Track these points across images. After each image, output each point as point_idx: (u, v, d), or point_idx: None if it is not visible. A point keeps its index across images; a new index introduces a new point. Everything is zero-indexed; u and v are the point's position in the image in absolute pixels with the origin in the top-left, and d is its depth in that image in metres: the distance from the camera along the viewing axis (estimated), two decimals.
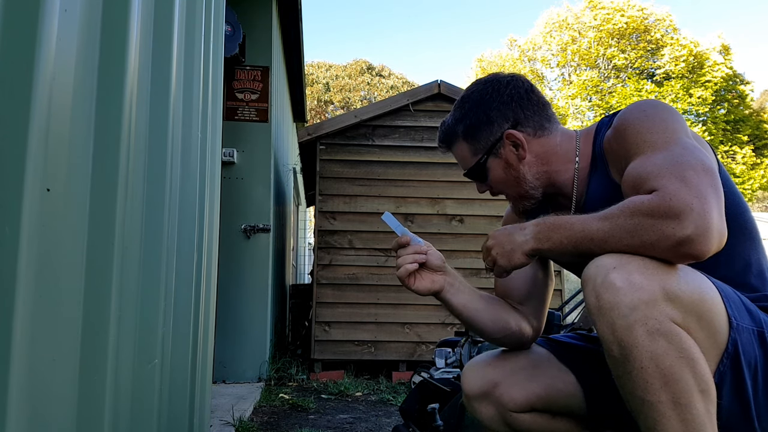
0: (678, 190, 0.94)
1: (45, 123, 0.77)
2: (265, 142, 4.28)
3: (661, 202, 0.95)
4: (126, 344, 1.09)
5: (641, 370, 0.92)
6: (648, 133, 1.07)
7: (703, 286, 0.98)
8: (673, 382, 0.91)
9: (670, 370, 0.91)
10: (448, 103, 4.77)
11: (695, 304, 0.95)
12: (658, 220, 0.94)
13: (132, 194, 1.10)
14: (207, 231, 1.87)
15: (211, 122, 1.91)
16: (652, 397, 0.92)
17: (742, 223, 1.15)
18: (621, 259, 0.96)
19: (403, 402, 2.23)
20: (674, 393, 0.91)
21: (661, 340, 0.91)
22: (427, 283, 1.28)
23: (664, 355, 0.91)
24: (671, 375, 0.91)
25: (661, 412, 0.92)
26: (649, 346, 0.91)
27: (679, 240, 0.93)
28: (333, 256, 4.56)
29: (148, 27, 1.23)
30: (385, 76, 27.42)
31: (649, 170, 1.01)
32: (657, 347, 0.91)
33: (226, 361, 3.93)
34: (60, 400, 0.85)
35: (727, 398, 1.00)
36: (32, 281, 0.75)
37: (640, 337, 0.91)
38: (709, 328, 0.97)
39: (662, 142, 1.04)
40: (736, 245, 1.13)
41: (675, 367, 0.91)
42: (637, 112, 1.12)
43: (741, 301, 1.04)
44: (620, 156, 1.13)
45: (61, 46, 0.81)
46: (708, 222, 0.92)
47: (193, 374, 1.73)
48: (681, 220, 0.92)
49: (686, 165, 0.98)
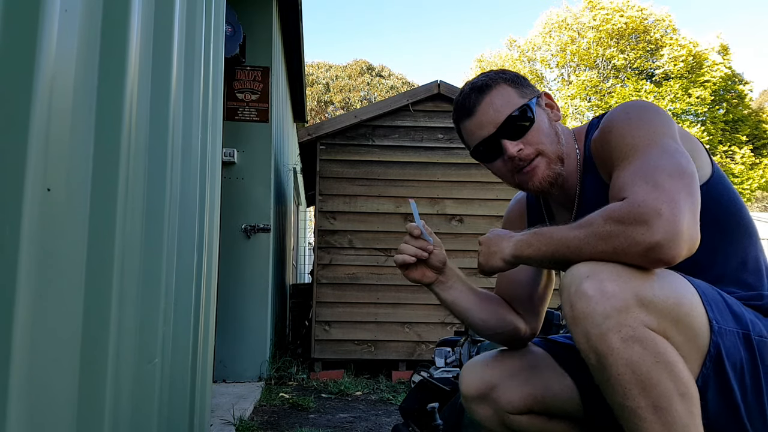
0: (647, 196, 0.95)
1: (45, 123, 0.77)
2: (266, 143, 4.28)
3: (631, 208, 0.96)
4: (126, 343, 1.09)
5: (618, 377, 0.93)
6: (630, 137, 1.08)
7: (680, 290, 0.98)
8: (651, 387, 0.91)
9: (647, 375, 0.92)
10: (447, 104, 4.77)
11: (671, 308, 0.95)
12: (628, 226, 0.95)
13: (132, 194, 1.10)
14: (207, 231, 1.87)
15: (212, 122, 1.91)
16: (631, 402, 0.93)
17: (738, 220, 1.16)
18: (594, 267, 0.96)
19: (403, 401, 2.24)
20: (653, 398, 0.92)
21: (636, 346, 0.92)
22: (418, 275, 1.30)
23: (639, 361, 0.92)
24: (648, 380, 0.92)
25: (641, 417, 0.92)
26: (624, 353, 0.92)
27: (648, 246, 0.93)
28: (333, 255, 4.56)
29: (148, 27, 1.23)
30: (385, 77, 27.42)
31: (625, 179, 1.02)
32: (632, 354, 0.91)
33: (227, 360, 3.93)
34: (60, 399, 0.85)
35: (713, 402, 1.00)
36: (33, 281, 0.75)
37: (615, 345, 0.92)
38: (687, 332, 0.97)
39: (643, 146, 1.05)
40: (732, 243, 1.14)
41: (652, 372, 0.92)
42: (622, 114, 1.12)
43: (725, 303, 1.03)
44: (605, 160, 1.14)
45: (61, 47, 0.82)
46: (677, 227, 0.93)
47: (194, 373, 1.74)
48: (650, 226, 0.93)
49: (661, 169, 0.99)
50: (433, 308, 4.52)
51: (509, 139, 1.19)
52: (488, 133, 1.20)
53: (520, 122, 1.19)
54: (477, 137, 1.23)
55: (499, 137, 1.20)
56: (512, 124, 1.19)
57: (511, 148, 1.19)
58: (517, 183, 1.26)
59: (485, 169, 1.35)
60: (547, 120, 1.23)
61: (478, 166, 4.69)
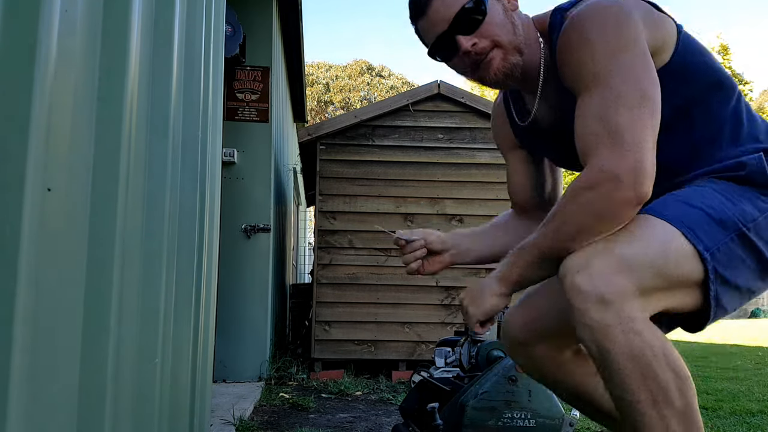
0: (610, 156, 0.99)
1: (46, 123, 0.77)
2: (266, 142, 4.28)
3: (597, 173, 1.00)
4: (127, 343, 1.10)
5: (618, 372, 0.94)
6: (591, 63, 1.06)
7: (665, 241, 0.99)
8: (651, 380, 0.93)
9: (647, 368, 0.93)
10: (447, 104, 4.77)
11: (661, 272, 0.96)
12: (598, 189, 0.99)
13: (133, 194, 1.10)
14: (207, 231, 1.87)
15: (212, 122, 1.91)
16: (631, 396, 0.94)
17: (713, 80, 1.16)
18: (583, 257, 0.98)
19: (403, 401, 2.24)
20: (652, 390, 0.93)
21: (636, 339, 0.93)
22: (435, 267, 1.33)
23: (640, 354, 0.93)
24: (648, 373, 0.93)
25: (641, 411, 0.94)
26: (624, 347, 0.93)
27: (622, 200, 0.97)
28: (333, 255, 4.56)
29: (148, 27, 1.23)
30: (385, 77, 27.42)
31: (587, 134, 1.04)
32: (633, 347, 0.93)
33: (227, 360, 3.93)
34: (61, 399, 0.85)
35: (729, 304, 1.03)
36: (33, 281, 0.75)
37: (617, 339, 0.93)
38: (681, 281, 0.99)
39: (604, 74, 1.04)
40: (711, 104, 1.15)
41: (653, 365, 0.93)
42: (581, 32, 1.09)
43: (707, 215, 1.01)
44: (566, 74, 1.14)
45: (61, 47, 0.82)
46: (643, 170, 0.97)
47: (194, 373, 1.74)
48: (617, 182, 0.97)
49: (622, 102, 1.01)
50: (433, 308, 4.52)
51: (463, 35, 1.16)
52: (441, 30, 1.17)
53: (473, 15, 1.15)
54: (431, 36, 1.20)
55: (453, 33, 1.16)
56: (464, 19, 1.15)
57: (465, 43, 1.16)
58: (477, 78, 1.24)
59: (485, 169, 1.38)
60: (502, 10, 1.19)
61: (478, 166, 4.70)
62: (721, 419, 2.81)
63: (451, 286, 4.56)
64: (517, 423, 1.78)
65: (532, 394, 1.79)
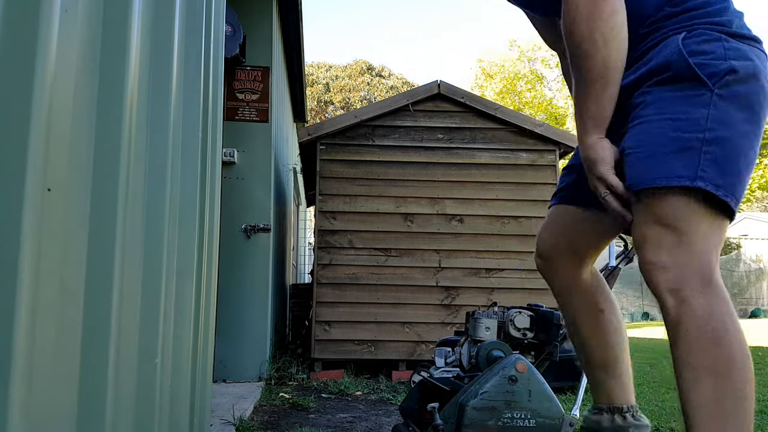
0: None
1: (46, 123, 0.77)
2: (266, 142, 4.28)
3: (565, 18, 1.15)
4: (127, 343, 1.10)
5: (687, 335, 1.02)
6: None
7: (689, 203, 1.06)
8: (717, 347, 1.01)
9: (714, 334, 1.02)
10: (447, 104, 4.77)
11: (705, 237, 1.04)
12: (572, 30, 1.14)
13: (133, 194, 1.10)
14: (207, 231, 1.87)
15: (212, 122, 1.91)
16: (694, 360, 1.01)
17: None
18: (650, 239, 1.08)
19: (403, 401, 2.24)
20: (715, 360, 1.00)
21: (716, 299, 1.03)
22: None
23: (716, 327, 1.03)
24: (717, 340, 1.01)
25: (698, 378, 1.00)
26: (697, 319, 1.02)
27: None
28: (333, 255, 4.56)
29: (148, 27, 1.23)
30: (385, 77, 27.42)
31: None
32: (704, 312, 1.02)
33: (227, 360, 3.93)
34: (61, 398, 0.85)
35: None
36: (33, 281, 0.75)
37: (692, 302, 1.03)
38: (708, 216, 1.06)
39: None
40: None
41: (719, 331, 1.02)
42: None
43: (675, 153, 1.06)
44: None
45: (61, 46, 0.82)
46: None
47: (194, 373, 1.74)
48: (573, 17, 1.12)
49: None
50: (433, 308, 4.52)
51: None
52: None
53: None
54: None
55: None
56: None
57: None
58: None
59: (485, 169, 1.43)
60: None
61: (478, 166, 4.70)
62: None
63: (451, 286, 4.57)
64: (517, 423, 1.77)
65: (532, 394, 1.79)
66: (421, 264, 4.58)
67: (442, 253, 4.60)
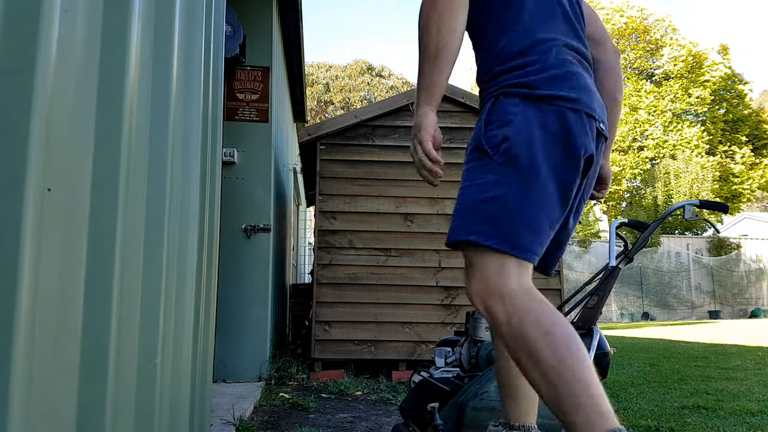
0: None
1: (46, 123, 0.77)
2: (266, 142, 4.28)
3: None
4: (127, 343, 1.10)
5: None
6: None
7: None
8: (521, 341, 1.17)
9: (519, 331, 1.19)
10: (447, 104, 4.77)
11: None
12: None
13: (133, 194, 1.10)
14: (207, 231, 1.87)
15: (212, 122, 1.91)
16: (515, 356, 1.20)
17: (490, 7, 1.40)
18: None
19: (403, 401, 2.24)
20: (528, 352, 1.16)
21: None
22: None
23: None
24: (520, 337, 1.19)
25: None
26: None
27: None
28: (333, 255, 4.56)
29: (148, 27, 1.23)
30: (385, 77, 27.43)
31: None
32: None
33: (227, 360, 3.93)
34: (61, 398, 0.85)
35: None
36: (33, 281, 0.75)
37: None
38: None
39: None
40: (485, 30, 1.41)
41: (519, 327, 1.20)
42: None
43: (471, 210, 1.37)
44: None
45: (61, 46, 0.82)
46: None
47: (194, 373, 1.74)
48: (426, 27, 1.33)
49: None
50: (433, 308, 4.52)
51: None
52: None
53: None
54: None
55: None
56: None
57: None
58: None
59: None
60: None
61: None
62: (721, 419, 2.81)
63: (451, 286, 4.57)
64: None
65: None
66: (421, 264, 4.58)
67: (442, 253, 4.60)
